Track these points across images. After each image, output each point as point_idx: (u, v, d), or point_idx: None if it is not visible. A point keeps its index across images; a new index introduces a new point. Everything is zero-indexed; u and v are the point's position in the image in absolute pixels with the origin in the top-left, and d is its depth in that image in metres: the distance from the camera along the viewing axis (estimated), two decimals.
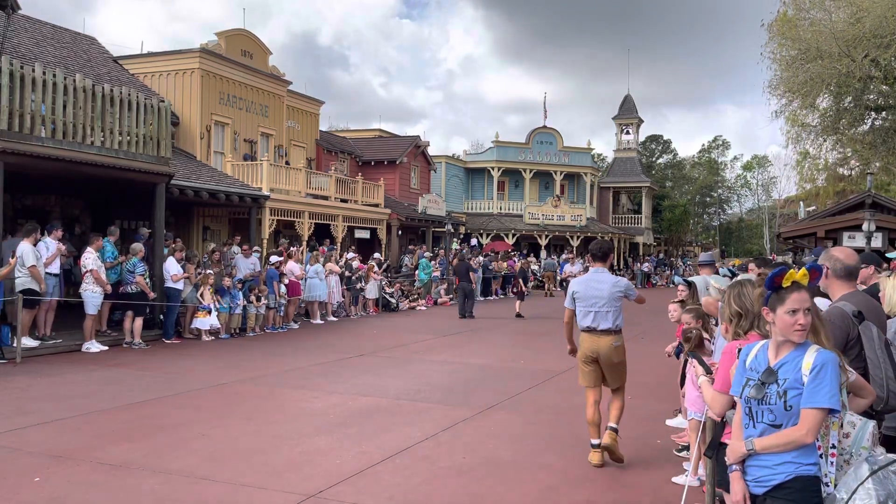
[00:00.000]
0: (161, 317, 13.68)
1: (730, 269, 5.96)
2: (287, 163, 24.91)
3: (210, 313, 14.01)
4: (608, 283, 6.28)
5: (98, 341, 12.05)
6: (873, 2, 19.74)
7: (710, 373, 3.92)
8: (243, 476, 5.61)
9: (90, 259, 12.09)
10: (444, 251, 29.39)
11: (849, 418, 3.14)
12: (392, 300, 21.96)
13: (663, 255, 51.40)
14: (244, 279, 15.45)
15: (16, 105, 11.31)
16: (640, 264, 42.25)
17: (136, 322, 12.60)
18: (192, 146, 21.53)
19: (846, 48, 20.32)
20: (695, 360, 4.33)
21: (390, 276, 24.03)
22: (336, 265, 19.30)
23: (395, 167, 33.48)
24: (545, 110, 57.39)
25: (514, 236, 39.38)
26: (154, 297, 12.99)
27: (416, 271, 25.54)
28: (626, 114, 49.73)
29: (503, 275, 29.95)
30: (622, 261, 43.51)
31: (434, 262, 26.18)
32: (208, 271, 14.45)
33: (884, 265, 7.52)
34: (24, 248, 11.17)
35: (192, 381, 9.55)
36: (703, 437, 4.57)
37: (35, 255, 11.26)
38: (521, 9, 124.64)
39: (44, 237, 11.90)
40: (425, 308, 23.35)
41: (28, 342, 11.20)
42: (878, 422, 3.60)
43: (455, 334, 16.12)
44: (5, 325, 11.09)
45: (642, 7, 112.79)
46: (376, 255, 24.99)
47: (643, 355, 11.33)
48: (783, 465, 2.92)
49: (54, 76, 11.99)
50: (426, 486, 5.57)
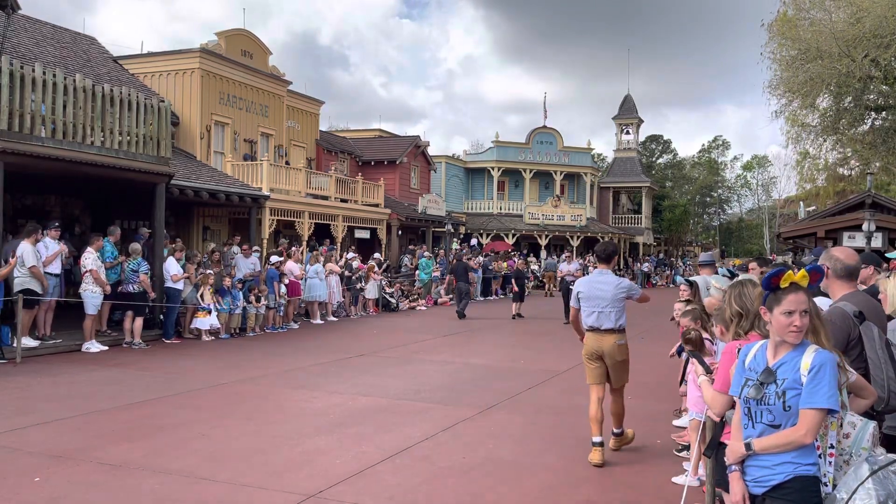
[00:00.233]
0: (161, 317, 13.69)
1: (729, 270, 5.97)
2: (287, 163, 24.91)
3: (210, 313, 14.02)
4: (611, 285, 6.46)
5: (98, 341, 12.05)
6: (873, 2, 19.74)
7: (710, 372, 3.93)
8: (243, 476, 5.61)
9: (89, 259, 12.09)
10: (444, 251, 29.40)
11: (849, 418, 3.14)
12: (392, 300, 21.97)
13: (663, 255, 51.45)
14: (244, 279, 15.46)
15: (16, 105, 11.31)
16: (640, 264, 42.28)
17: (136, 322, 12.61)
18: (192, 146, 21.53)
19: (846, 48, 20.32)
20: (695, 360, 4.34)
21: (390, 276, 24.04)
22: (336, 265, 19.31)
23: (395, 167, 33.47)
24: (545, 110, 57.30)
25: (514, 236, 39.38)
26: (154, 296, 13.01)
27: (416, 271, 25.56)
28: (626, 114, 49.75)
29: (503, 275, 29.97)
30: (622, 261, 43.50)
31: (434, 263, 26.18)
32: (208, 271, 14.45)
33: (883, 265, 7.53)
34: (25, 248, 11.18)
35: (192, 381, 9.55)
36: (703, 437, 4.57)
37: (36, 255, 11.27)
38: (521, 9, 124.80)
39: (43, 237, 11.90)
40: (425, 308, 23.35)
41: (28, 342, 11.20)
42: (880, 422, 3.61)
43: (455, 334, 16.12)
44: (5, 325, 11.09)
45: (642, 7, 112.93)
46: (376, 255, 24.99)
47: (643, 355, 11.32)
48: (782, 465, 2.91)
49: (54, 76, 11.99)
50: (426, 486, 5.57)
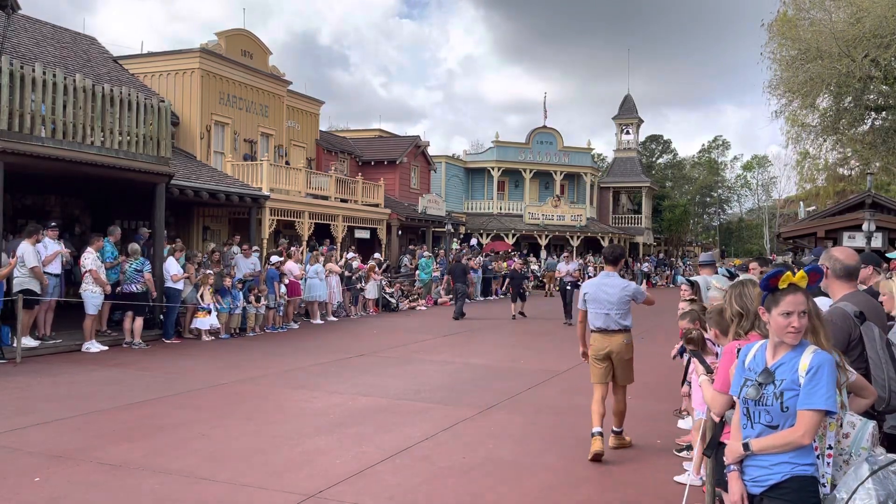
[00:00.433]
0: (161, 317, 13.69)
1: (728, 270, 5.97)
2: (287, 163, 24.91)
3: (210, 313, 14.02)
4: (617, 288, 6.60)
5: (98, 341, 12.06)
6: (873, 2, 19.74)
7: (710, 372, 3.93)
8: (243, 476, 5.61)
9: (89, 259, 12.09)
10: (445, 251, 29.39)
11: (849, 418, 3.14)
12: (392, 300, 21.96)
13: (663, 255, 51.42)
14: (244, 279, 15.46)
15: (16, 105, 11.30)
16: (640, 264, 42.26)
17: (136, 322, 12.61)
18: (192, 146, 21.53)
19: (846, 48, 20.32)
20: (696, 360, 4.34)
21: (390, 276, 24.04)
22: (336, 265, 19.31)
23: (395, 167, 33.47)
24: (545, 110, 57.09)
25: (514, 236, 39.38)
26: (154, 296, 13.01)
27: (416, 271, 25.56)
28: (626, 114, 49.75)
29: (503, 275, 29.97)
30: None
31: (434, 263, 26.18)
32: (208, 271, 14.45)
33: (883, 265, 7.52)
34: (26, 248, 11.18)
35: (192, 381, 9.55)
36: (704, 437, 4.57)
37: (36, 255, 11.27)
38: (521, 9, 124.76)
39: (43, 237, 11.90)
40: (425, 308, 23.35)
41: (28, 342, 11.20)
42: (880, 422, 3.61)
43: (455, 334, 16.12)
44: (5, 325, 11.09)
45: (642, 7, 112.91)
46: (376, 255, 24.99)
47: (644, 355, 11.26)
48: (780, 465, 2.91)
49: (54, 76, 11.99)
50: (426, 486, 5.57)
